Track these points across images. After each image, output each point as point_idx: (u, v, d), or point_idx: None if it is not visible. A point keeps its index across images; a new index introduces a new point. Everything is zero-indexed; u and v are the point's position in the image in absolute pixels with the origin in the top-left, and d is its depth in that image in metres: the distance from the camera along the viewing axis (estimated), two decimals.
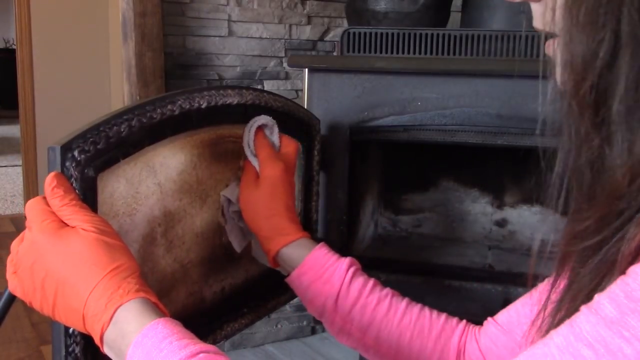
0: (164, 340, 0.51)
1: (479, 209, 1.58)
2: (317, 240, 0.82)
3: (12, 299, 0.62)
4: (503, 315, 0.72)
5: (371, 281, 0.76)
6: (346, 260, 0.77)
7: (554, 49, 0.44)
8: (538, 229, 0.46)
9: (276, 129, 0.86)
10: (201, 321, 0.84)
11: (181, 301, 0.81)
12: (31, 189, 3.00)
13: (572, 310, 0.41)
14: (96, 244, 0.56)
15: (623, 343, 0.35)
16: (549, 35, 0.45)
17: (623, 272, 0.37)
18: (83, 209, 0.59)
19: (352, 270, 0.76)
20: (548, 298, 0.47)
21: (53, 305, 0.57)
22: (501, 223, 1.57)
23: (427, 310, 0.75)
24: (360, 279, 0.76)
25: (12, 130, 6.16)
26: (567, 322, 0.38)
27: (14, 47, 3.72)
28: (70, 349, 0.62)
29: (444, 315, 0.76)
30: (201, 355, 0.50)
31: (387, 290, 0.76)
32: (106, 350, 0.55)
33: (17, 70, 3.06)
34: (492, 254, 1.46)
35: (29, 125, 3.05)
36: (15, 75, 3.10)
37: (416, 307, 0.75)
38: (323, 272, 0.76)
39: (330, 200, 1.24)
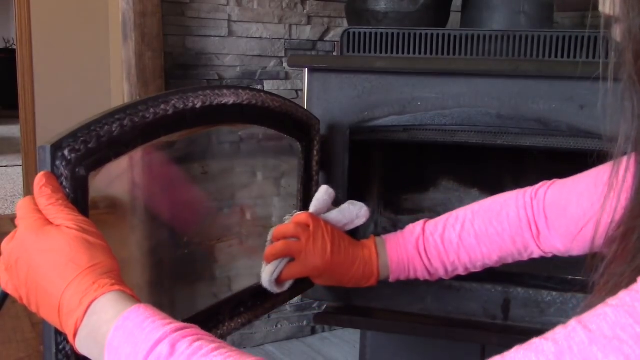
0: (147, 320, 0.52)
1: None
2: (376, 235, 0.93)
3: (5, 295, 0.62)
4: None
5: (437, 243, 0.87)
6: (412, 244, 0.88)
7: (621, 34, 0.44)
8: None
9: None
10: (196, 319, 0.84)
11: None
12: (31, 189, 3.00)
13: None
14: (76, 241, 0.57)
15: None
16: (612, 21, 0.45)
17: None
18: (68, 208, 0.60)
19: (422, 249, 0.87)
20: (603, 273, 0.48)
21: (36, 302, 0.57)
22: None
23: (484, 232, 0.85)
24: (430, 248, 0.87)
25: (12, 130, 6.15)
26: (623, 290, 0.39)
27: (14, 47, 3.72)
28: (61, 347, 0.62)
29: (505, 224, 0.84)
30: (185, 330, 0.51)
31: (448, 232, 0.87)
32: (80, 347, 0.55)
33: (17, 70, 3.06)
34: None
35: (29, 125, 3.04)
36: (15, 75, 3.09)
37: (475, 237, 0.86)
38: (407, 266, 0.89)
39: None
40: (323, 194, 0.93)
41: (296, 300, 1.82)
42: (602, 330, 0.38)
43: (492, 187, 1.57)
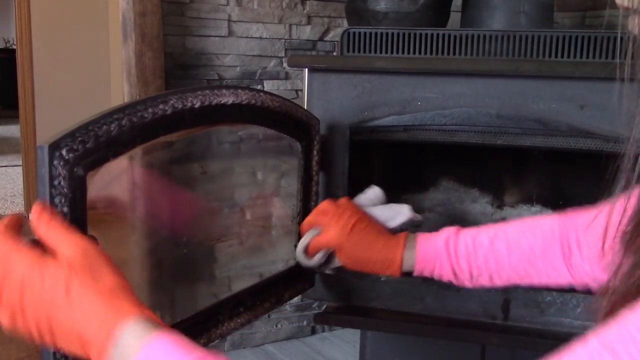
0: (170, 347, 0.52)
1: (479, 209, 1.58)
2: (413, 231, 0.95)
3: None
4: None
5: (467, 243, 0.87)
6: (442, 239, 0.88)
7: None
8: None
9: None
10: (196, 319, 0.84)
11: None
12: (31, 189, 3.00)
13: None
14: (81, 270, 0.55)
15: None
16: (630, 13, 0.45)
17: None
18: (68, 231, 0.58)
19: (451, 246, 0.87)
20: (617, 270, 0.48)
21: (52, 338, 0.55)
22: None
23: (515, 241, 0.84)
24: (460, 246, 0.87)
25: (12, 130, 6.15)
26: None
27: (14, 47, 3.72)
28: (59, 355, 0.62)
29: (538, 236, 0.83)
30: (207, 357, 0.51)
31: (481, 235, 0.87)
32: None
33: (17, 70, 3.05)
34: None
35: (29, 125, 3.04)
36: (15, 75, 3.09)
37: (505, 244, 0.85)
38: (433, 260, 0.89)
39: None
40: (370, 192, 1.03)
41: (296, 300, 1.82)
42: (632, 357, 0.36)
43: (492, 187, 1.57)
